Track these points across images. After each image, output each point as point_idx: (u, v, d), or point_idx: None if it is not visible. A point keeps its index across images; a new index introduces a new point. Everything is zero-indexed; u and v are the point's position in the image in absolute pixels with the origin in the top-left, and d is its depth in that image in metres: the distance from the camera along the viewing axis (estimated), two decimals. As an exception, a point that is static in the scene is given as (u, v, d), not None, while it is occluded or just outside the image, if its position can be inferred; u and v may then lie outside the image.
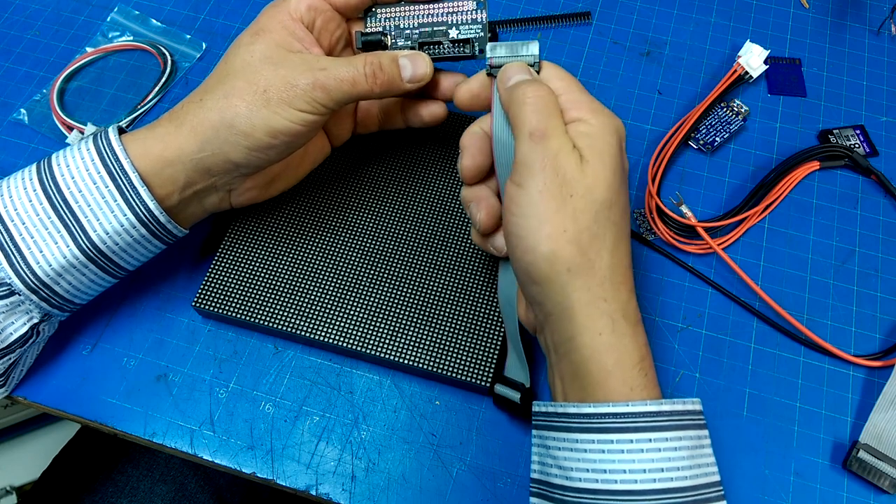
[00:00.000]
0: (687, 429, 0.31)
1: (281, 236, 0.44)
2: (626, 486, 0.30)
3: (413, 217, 0.45)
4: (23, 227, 0.35)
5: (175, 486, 0.58)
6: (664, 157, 0.49)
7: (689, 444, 0.31)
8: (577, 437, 0.31)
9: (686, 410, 0.31)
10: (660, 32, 0.57)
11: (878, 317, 0.45)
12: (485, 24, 0.38)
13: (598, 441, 0.30)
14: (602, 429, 0.30)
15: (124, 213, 0.36)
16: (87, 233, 0.35)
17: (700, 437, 0.32)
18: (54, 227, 0.35)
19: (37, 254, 0.35)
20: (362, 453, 0.41)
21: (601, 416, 0.31)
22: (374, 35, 0.39)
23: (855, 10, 0.58)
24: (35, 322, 0.38)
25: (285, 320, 0.42)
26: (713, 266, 0.47)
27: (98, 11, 0.58)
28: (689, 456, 0.30)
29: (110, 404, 0.42)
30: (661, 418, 0.30)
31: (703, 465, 0.31)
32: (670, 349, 0.44)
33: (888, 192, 0.49)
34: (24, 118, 0.52)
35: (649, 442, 0.30)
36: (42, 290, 0.36)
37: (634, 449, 0.30)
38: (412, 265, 0.44)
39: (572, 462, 0.31)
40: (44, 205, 0.35)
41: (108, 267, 0.37)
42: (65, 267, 0.36)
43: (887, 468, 0.39)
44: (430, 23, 0.39)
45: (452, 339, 0.41)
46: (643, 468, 0.30)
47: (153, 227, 0.37)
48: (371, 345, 0.41)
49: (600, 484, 0.30)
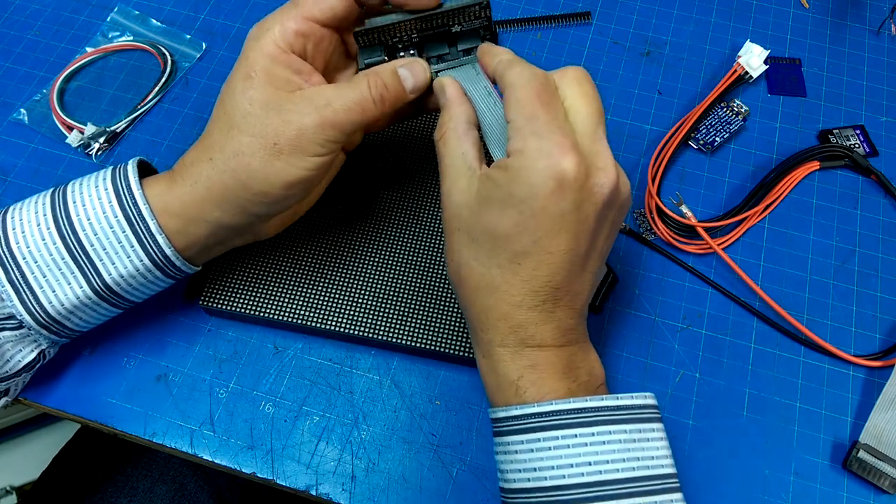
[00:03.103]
0: (621, 423, 0.31)
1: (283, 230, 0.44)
2: (555, 482, 0.30)
3: (414, 203, 0.45)
4: (35, 267, 0.35)
5: (174, 486, 0.57)
6: (664, 157, 0.49)
7: (622, 438, 0.31)
8: (509, 440, 0.32)
9: (622, 405, 0.32)
10: (660, 32, 0.57)
11: (878, 317, 0.45)
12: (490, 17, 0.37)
13: (526, 441, 0.31)
14: (528, 428, 0.31)
15: (140, 259, 0.35)
16: (101, 275, 0.35)
17: (643, 430, 0.32)
18: (68, 268, 0.35)
19: (49, 294, 0.35)
20: (362, 453, 0.41)
21: (528, 416, 0.31)
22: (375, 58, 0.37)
23: (855, 10, 0.58)
24: (42, 349, 0.38)
25: (292, 312, 0.42)
26: (713, 266, 0.47)
27: (98, 11, 0.58)
28: (623, 449, 0.31)
29: (110, 404, 0.42)
30: (586, 414, 0.31)
31: (644, 458, 0.31)
32: (670, 349, 0.44)
33: (888, 192, 0.49)
34: (24, 118, 0.52)
35: (575, 437, 0.30)
36: (52, 326, 0.36)
37: (561, 445, 0.30)
38: (414, 250, 0.44)
39: (507, 464, 0.32)
40: (58, 245, 0.35)
41: (118, 302, 0.37)
42: (77, 306, 0.36)
43: (887, 468, 0.39)
44: (431, 27, 0.37)
45: (457, 318, 0.42)
46: (570, 462, 0.30)
47: (168, 270, 0.37)
48: (380, 329, 0.42)
49: (531, 482, 0.31)
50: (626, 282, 0.46)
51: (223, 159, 0.34)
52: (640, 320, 0.45)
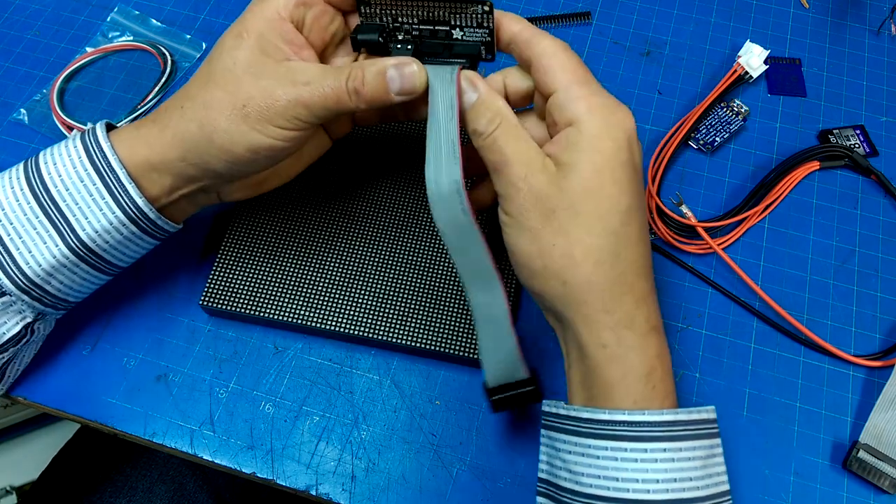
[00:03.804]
0: (701, 438, 0.31)
1: (283, 230, 0.44)
2: (639, 496, 0.29)
3: (414, 203, 0.45)
4: (10, 228, 0.35)
5: (174, 486, 0.58)
6: (664, 157, 0.49)
7: (702, 455, 0.30)
8: (590, 443, 0.31)
9: (701, 420, 0.31)
10: (660, 32, 0.57)
11: (878, 317, 0.45)
12: (492, 30, 0.35)
13: (611, 448, 0.30)
14: (615, 436, 0.30)
15: (113, 211, 0.35)
16: (76, 231, 0.35)
17: (713, 446, 0.31)
18: (42, 226, 0.35)
19: (26, 254, 0.35)
20: (362, 453, 0.40)
21: (615, 423, 0.30)
22: (369, 35, 0.36)
23: (855, 10, 0.58)
24: (28, 321, 0.38)
25: (292, 312, 0.42)
26: (713, 266, 0.47)
27: (98, 11, 0.58)
28: (703, 466, 0.30)
29: (110, 404, 0.42)
30: (675, 428, 0.30)
31: (714, 475, 0.31)
32: (670, 349, 0.43)
33: (888, 192, 0.49)
34: (24, 118, 0.52)
35: (663, 452, 0.30)
36: (33, 291, 0.36)
37: (648, 458, 0.29)
38: (414, 250, 0.44)
39: (583, 467, 0.31)
40: (31, 204, 0.35)
41: (99, 265, 0.37)
42: (55, 266, 0.35)
43: (887, 468, 0.39)
44: (432, 19, 0.36)
45: (457, 318, 0.42)
46: (656, 478, 0.29)
47: (144, 225, 0.36)
48: (380, 329, 0.41)
49: (612, 492, 0.30)
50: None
51: (193, 108, 0.34)
52: (640, 320, 0.45)
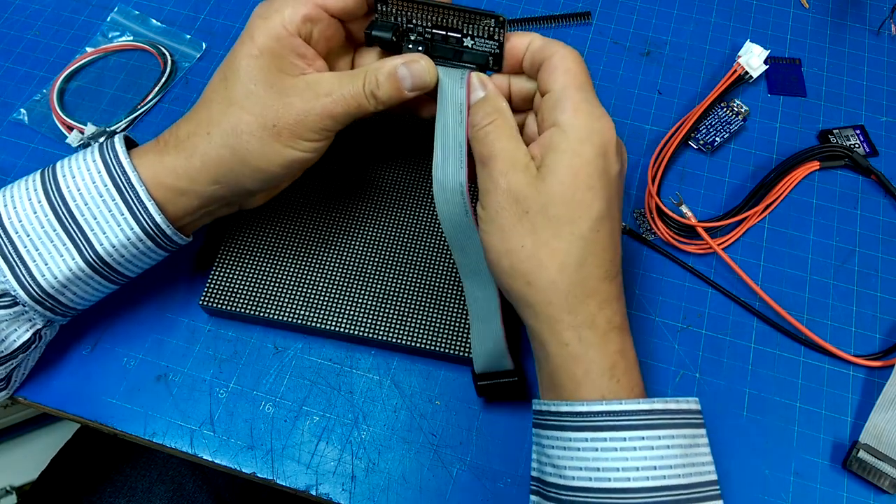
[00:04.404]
0: (681, 427, 0.31)
1: (283, 230, 0.44)
2: (620, 485, 0.30)
3: (415, 203, 0.45)
4: (27, 240, 0.35)
5: (173, 486, 0.58)
6: (664, 157, 0.49)
7: (683, 443, 0.31)
8: (571, 436, 0.31)
9: (680, 409, 0.32)
10: (660, 32, 0.57)
11: (878, 317, 0.45)
12: (502, 43, 0.36)
13: (590, 439, 0.31)
14: (594, 426, 0.31)
15: (131, 227, 0.35)
16: (94, 246, 0.35)
17: (696, 435, 0.32)
18: (59, 240, 0.35)
19: (42, 267, 0.35)
20: (362, 453, 0.40)
21: (594, 414, 0.31)
22: (383, 33, 0.37)
23: (855, 10, 0.58)
24: (38, 328, 0.38)
25: (292, 312, 0.42)
26: (713, 266, 0.47)
27: (98, 11, 0.58)
28: (683, 454, 0.31)
29: (110, 404, 0.42)
30: (653, 416, 0.31)
31: (697, 464, 0.31)
32: (670, 349, 0.44)
33: (888, 192, 0.49)
34: (24, 118, 0.52)
35: (642, 440, 0.30)
36: (46, 301, 0.36)
37: (627, 447, 0.30)
38: (414, 250, 0.44)
39: (566, 461, 0.31)
40: (49, 217, 0.35)
41: (112, 276, 0.37)
42: (70, 279, 0.36)
43: (887, 468, 0.39)
44: (446, 26, 0.36)
45: (457, 318, 0.42)
46: (636, 465, 0.30)
47: (159, 240, 0.37)
48: (380, 329, 0.42)
49: (594, 482, 0.30)
50: (627, 282, 0.46)
51: (221, 134, 0.35)
52: (640, 320, 0.44)
